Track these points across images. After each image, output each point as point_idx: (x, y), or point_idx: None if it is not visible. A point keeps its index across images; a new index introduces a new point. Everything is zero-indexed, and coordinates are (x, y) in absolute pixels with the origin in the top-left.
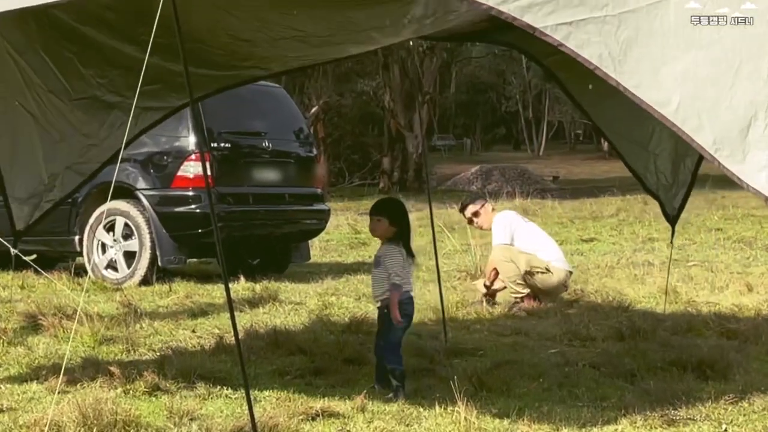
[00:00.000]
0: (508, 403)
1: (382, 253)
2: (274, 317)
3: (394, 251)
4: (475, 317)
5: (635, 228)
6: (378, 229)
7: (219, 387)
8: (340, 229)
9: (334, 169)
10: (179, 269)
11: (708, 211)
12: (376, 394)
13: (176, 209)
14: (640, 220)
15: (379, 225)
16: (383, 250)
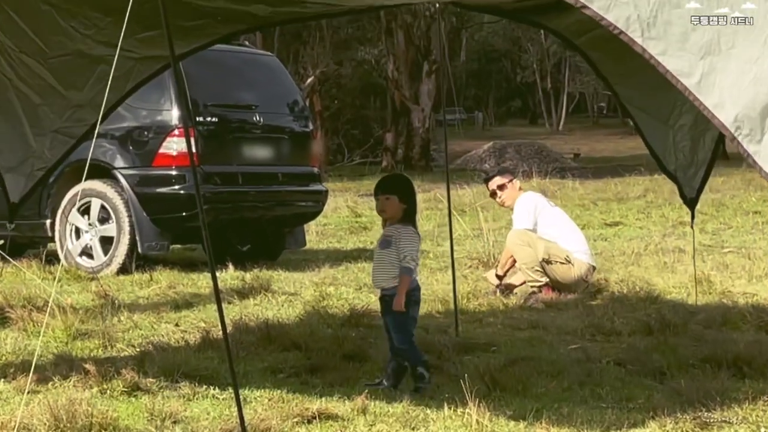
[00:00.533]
0: (524, 404)
1: (395, 233)
2: (266, 309)
3: (411, 232)
4: (488, 309)
5: (664, 211)
6: (389, 208)
7: (205, 386)
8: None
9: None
10: (161, 256)
11: (745, 193)
12: (379, 393)
13: (158, 190)
14: (670, 202)
15: (389, 204)
16: (396, 229)
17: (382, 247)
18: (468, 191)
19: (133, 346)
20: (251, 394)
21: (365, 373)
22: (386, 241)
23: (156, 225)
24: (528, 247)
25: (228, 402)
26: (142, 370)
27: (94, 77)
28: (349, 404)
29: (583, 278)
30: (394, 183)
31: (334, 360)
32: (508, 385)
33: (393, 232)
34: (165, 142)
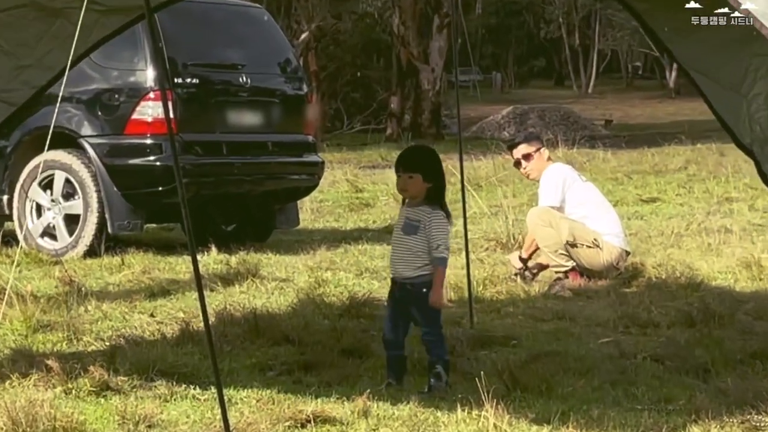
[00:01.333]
0: (549, 405)
1: (425, 218)
2: (254, 297)
3: (441, 218)
4: (507, 297)
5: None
6: (411, 188)
7: (184, 385)
8: (336, 186)
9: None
10: (134, 237)
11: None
12: (383, 393)
13: (130, 161)
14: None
15: (412, 183)
16: (426, 214)
17: (406, 232)
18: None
19: (102, 339)
20: (237, 395)
21: (367, 371)
22: (412, 226)
23: (128, 201)
24: (550, 228)
25: (210, 403)
26: (113, 366)
27: (50, 33)
28: (348, 406)
29: (614, 264)
30: (419, 159)
31: (332, 355)
32: (530, 384)
33: (422, 216)
34: (138, 107)
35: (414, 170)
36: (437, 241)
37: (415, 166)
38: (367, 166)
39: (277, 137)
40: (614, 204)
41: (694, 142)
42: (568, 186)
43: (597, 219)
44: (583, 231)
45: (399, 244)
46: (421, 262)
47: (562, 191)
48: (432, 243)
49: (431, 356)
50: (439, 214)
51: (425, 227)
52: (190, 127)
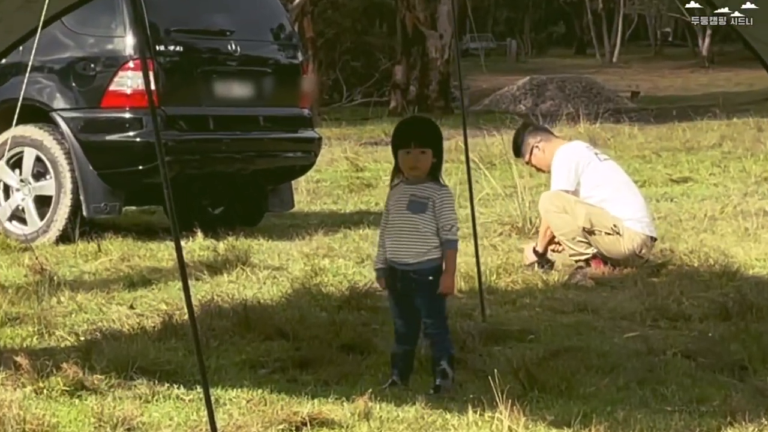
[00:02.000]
0: (569, 406)
1: (433, 194)
2: (244, 287)
3: (449, 194)
4: (523, 288)
5: (745, 163)
6: (423, 164)
7: (167, 385)
8: (335, 165)
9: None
10: (112, 221)
11: None
12: (386, 393)
13: (108, 137)
14: (753, 153)
15: (424, 159)
16: (434, 190)
17: (414, 210)
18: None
19: (76, 333)
20: (225, 395)
21: (368, 368)
22: (420, 204)
23: (105, 181)
24: (564, 214)
25: (196, 404)
26: (88, 364)
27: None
28: (348, 407)
29: (636, 252)
30: (431, 133)
31: (330, 351)
32: (549, 383)
33: (429, 192)
34: (116, 78)
35: (428, 145)
36: (449, 221)
37: (429, 140)
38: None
39: (270, 111)
40: (641, 185)
41: (730, 116)
42: (583, 167)
43: (617, 202)
44: (602, 216)
45: (402, 225)
46: (428, 246)
47: (575, 173)
48: (443, 222)
49: (435, 351)
50: (447, 190)
51: (435, 205)
52: (173, 100)
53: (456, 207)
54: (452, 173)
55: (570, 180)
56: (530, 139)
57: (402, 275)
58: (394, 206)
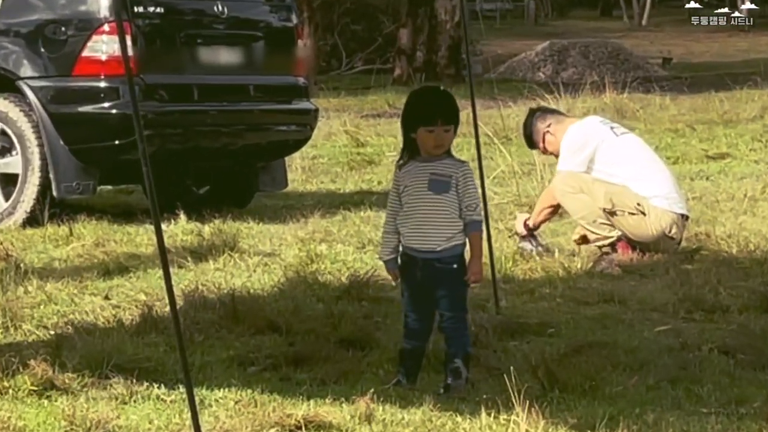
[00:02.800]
0: (593, 408)
1: (455, 171)
2: (232, 276)
3: (471, 171)
4: (543, 275)
5: None
6: (447, 142)
7: (146, 384)
8: (333, 139)
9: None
10: (85, 202)
11: None
12: (390, 394)
13: (80, 109)
14: None
15: (449, 137)
16: (454, 166)
17: (437, 190)
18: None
19: (45, 327)
20: (211, 395)
21: (370, 366)
22: (443, 183)
23: (78, 158)
24: (581, 194)
25: (178, 406)
26: (59, 361)
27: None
28: (347, 409)
29: (666, 233)
30: (455, 108)
31: (327, 347)
32: (571, 382)
33: (450, 170)
34: (90, 43)
35: (452, 121)
36: (474, 200)
37: (454, 116)
38: (371, 115)
39: (261, 80)
40: (674, 161)
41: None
42: (596, 145)
43: (641, 180)
44: (624, 195)
45: (424, 207)
46: (453, 230)
47: (585, 152)
48: (468, 202)
49: (451, 348)
50: (467, 166)
51: (458, 183)
52: (153, 68)
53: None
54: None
55: (578, 160)
56: (539, 125)
57: (423, 264)
58: (411, 187)
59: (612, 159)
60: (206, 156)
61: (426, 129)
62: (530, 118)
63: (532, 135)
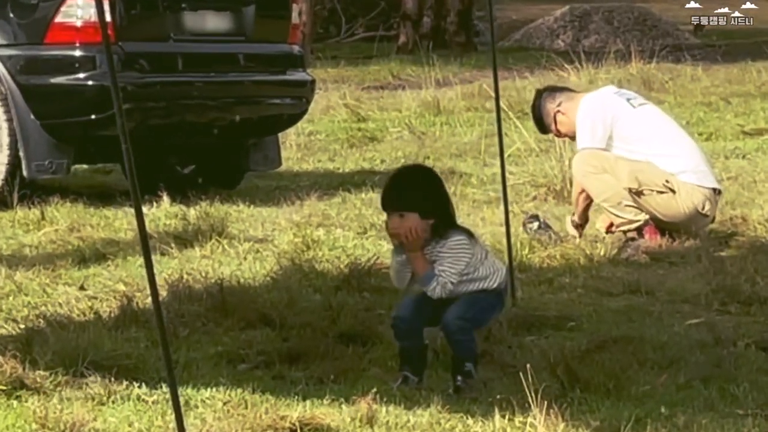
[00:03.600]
0: (618, 409)
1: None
2: (220, 264)
3: (456, 240)
4: (562, 263)
5: None
6: (404, 230)
7: (126, 383)
8: (332, 114)
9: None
10: (59, 182)
11: None
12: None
13: (53, 80)
14: None
15: (405, 223)
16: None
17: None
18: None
19: (14, 320)
20: (197, 395)
21: (372, 363)
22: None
23: (50, 134)
24: (604, 174)
25: (161, 407)
26: (29, 357)
27: None
28: (347, 410)
29: (698, 210)
30: (408, 192)
31: (325, 342)
32: (593, 380)
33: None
34: (63, 7)
35: (404, 208)
36: (442, 267)
37: (406, 203)
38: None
39: (252, 48)
40: (707, 138)
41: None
42: (614, 118)
43: (666, 154)
44: (650, 172)
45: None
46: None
47: (603, 128)
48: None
49: (458, 352)
50: (453, 238)
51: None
52: (133, 35)
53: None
54: (475, 124)
55: (597, 136)
56: (549, 106)
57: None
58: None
59: (632, 134)
60: (192, 132)
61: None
62: (538, 99)
63: (542, 118)
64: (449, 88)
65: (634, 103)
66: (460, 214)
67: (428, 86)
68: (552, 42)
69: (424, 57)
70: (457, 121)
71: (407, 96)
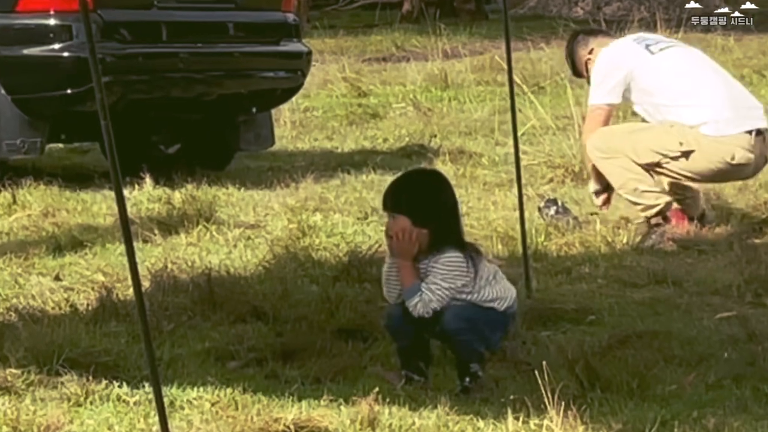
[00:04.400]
0: (642, 411)
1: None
2: (209, 252)
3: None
4: (582, 251)
5: None
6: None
7: (105, 382)
8: (330, 88)
9: None
10: (32, 163)
11: None
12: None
13: (25, 52)
14: None
15: (395, 226)
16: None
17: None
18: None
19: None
20: (183, 396)
21: (374, 360)
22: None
23: (23, 110)
24: (615, 159)
25: (144, 408)
26: (0, 354)
27: None
28: (346, 412)
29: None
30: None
31: (322, 338)
32: (615, 379)
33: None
34: None
35: (398, 209)
36: (430, 284)
37: (400, 204)
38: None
39: (242, 16)
40: None
41: None
42: (632, 69)
43: (683, 106)
44: (661, 137)
45: None
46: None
47: (614, 79)
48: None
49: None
50: (447, 254)
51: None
52: (113, 1)
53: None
54: (486, 99)
55: (610, 90)
56: (581, 51)
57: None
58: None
59: (650, 85)
60: (177, 108)
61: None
62: (571, 42)
63: (575, 63)
64: (458, 60)
65: (653, 48)
66: (469, 197)
67: (435, 58)
68: (570, 9)
69: (430, 26)
70: (466, 96)
71: (412, 69)
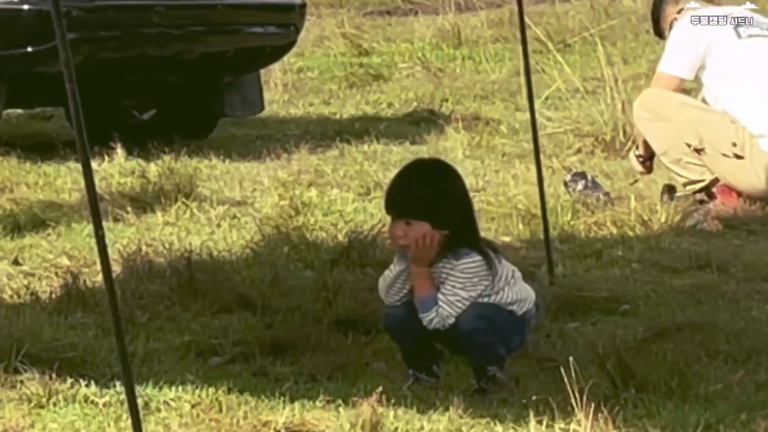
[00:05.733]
0: (682, 413)
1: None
2: (189, 233)
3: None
4: (614, 232)
5: None
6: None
7: (71, 381)
8: (327, 45)
9: None
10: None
11: None
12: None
13: None
14: None
15: (412, 233)
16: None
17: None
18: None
19: None
20: (159, 396)
21: (376, 355)
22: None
23: None
24: (660, 122)
25: (115, 410)
26: None
27: None
28: (346, 414)
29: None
30: (423, 193)
31: (318, 330)
32: (652, 377)
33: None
34: None
35: (415, 215)
36: (448, 295)
37: (414, 210)
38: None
39: None
40: None
41: None
42: (710, 47)
43: (754, 109)
44: (717, 128)
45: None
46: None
47: (691, 53)
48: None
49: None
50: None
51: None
52: None
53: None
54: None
55: (684, 62)
56: (669, 9)
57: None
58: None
59: (726, 72)
60: (152, 68)
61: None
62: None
63: (659, 20)
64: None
65: (742, 31)
66: (486, 170)
67: (446, 11)
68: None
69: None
70: (482, 55)
71: (420, 23)
